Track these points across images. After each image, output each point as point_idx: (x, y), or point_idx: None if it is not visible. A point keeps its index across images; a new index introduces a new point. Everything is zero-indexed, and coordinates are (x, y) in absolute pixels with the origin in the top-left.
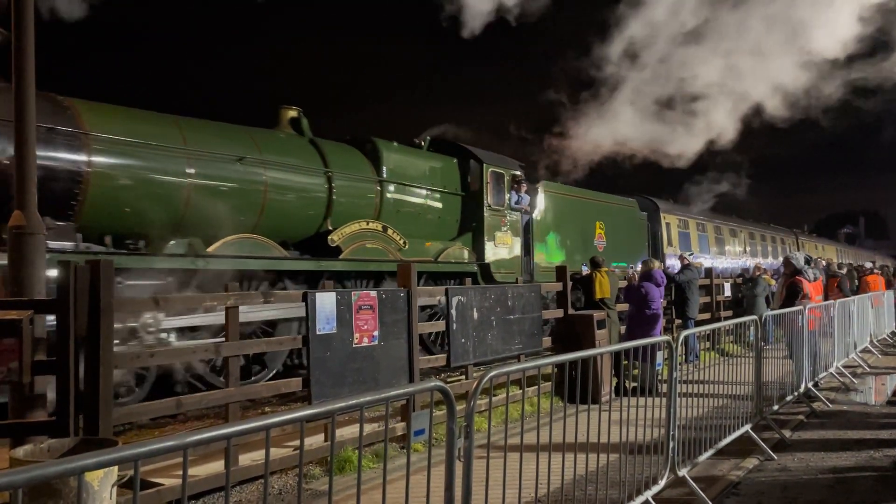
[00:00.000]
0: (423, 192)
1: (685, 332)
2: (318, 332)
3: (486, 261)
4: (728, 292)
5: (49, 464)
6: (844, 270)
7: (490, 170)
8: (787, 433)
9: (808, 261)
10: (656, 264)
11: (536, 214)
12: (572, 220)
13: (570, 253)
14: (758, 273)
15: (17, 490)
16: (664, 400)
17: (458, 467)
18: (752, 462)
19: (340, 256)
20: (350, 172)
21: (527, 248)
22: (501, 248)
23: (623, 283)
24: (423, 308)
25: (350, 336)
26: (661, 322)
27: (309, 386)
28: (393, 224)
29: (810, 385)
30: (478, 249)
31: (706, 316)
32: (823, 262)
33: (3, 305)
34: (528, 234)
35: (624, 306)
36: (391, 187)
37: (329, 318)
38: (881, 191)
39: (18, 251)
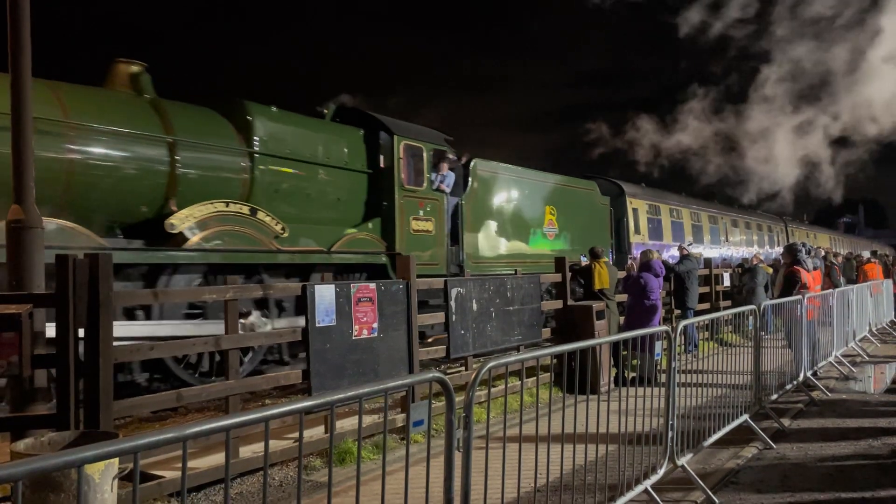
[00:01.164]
0: (316, 168)
1: (684, 322)
2: (317, 325)
3: (399, 250)
4: (727, 282)
5: (49, 456)
6: (839, 260)
7: (403, 143)
8: (786, 422)
9: (807, 251)
10: (655, 255)
11: (467, 197)
12: (514, 204)
13: (513, 242)
14: (755, 262)
15: (17, 482)
16: (663, 390)
17: (458, 458)
18: (751, 451)
19: (186, 245)
20: (204, 140)
21: (455, 237)
22: (419, 236)
23: (622, 274)
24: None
25: (349, 328)
26: (660, 312)
27: (309, 378)
28: (271, 206)
29: (809, 374)
30: (388, 237)
31: (705, 306)
32: (822, 252)
33: (3, 299)
34: (456, 220)
35: (623, 297)
36: (267, 161)
37: (328, 311)
38: (881, 180)
39: (17, 245)
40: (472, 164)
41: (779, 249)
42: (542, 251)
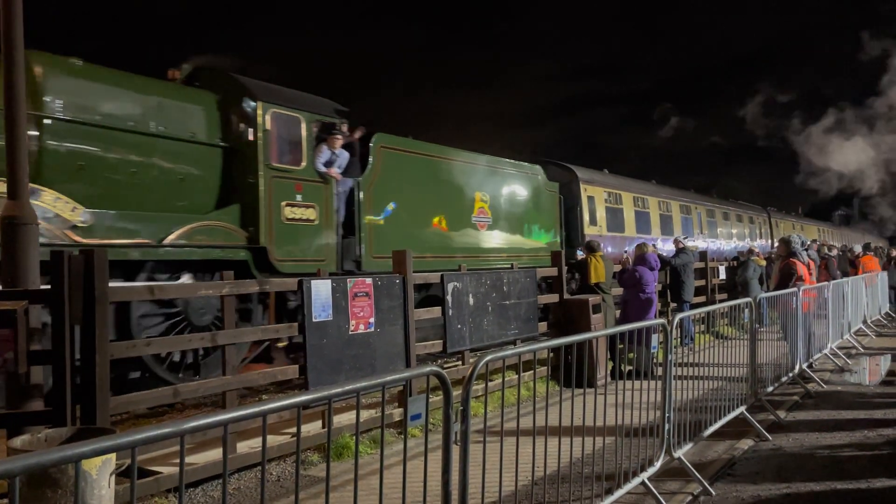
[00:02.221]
0: (144, 140)
1: (680, 315)
2: (314, 320)
3: (266, 243)
4: (723, 275)
5: (46, 452)
6: (834, 253)
7: (271, 112)
8: (781, 414)
9: (802, 243)
10: (650, 248)
11: (366, 180)
12: (433, 189)
13: (430, 233)
14: (749, 255)
15: (14, 478)
16: (659, 383)
17: (455, 452)
18: (747, 443)
19: None
20: None
21: (351, 228)
22: (296, 227)
23: (618, 268)
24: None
25: (346, 323)
26: (656, 306)
27: (306, 373)
28: (70, 188)
29: (805, 366)
30: (251, 227)
31: (701, 299)
32: (818, 245)
33: None
34: (352, 207)
35: (619, 290)
36: (65, 130)
37: (325, 306)
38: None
39: (12, 241)
40: (372, 140)
41: (761, 242)
42: (471, 244)
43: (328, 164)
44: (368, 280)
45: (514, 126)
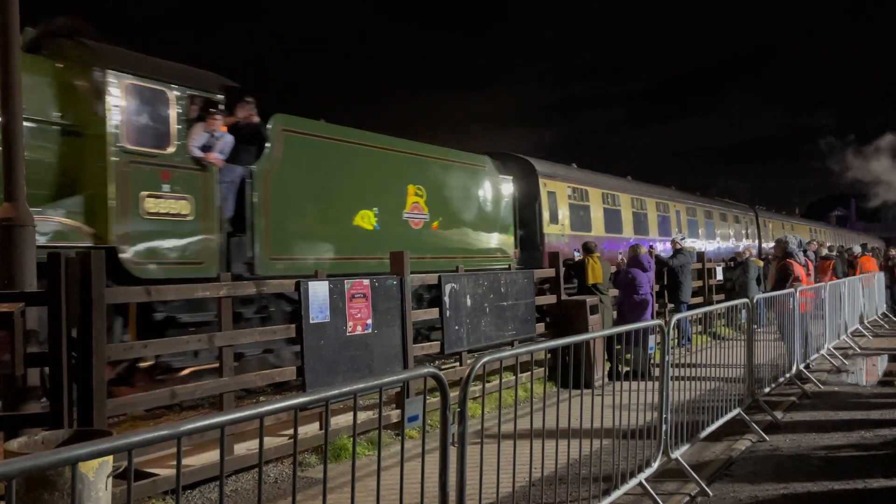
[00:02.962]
0: None
1: (677, 316)
2: (311, 321)
3: (115, 243)
4: (720, 276)
5: (43, 454)
6: (835, 253)
7: (127, 83)
8: (778, 415)
9: (798, 244)
10: (642, 250)
11: (262, 168)
12: (353, 181)
13: (350, 232)
14: (747, 255)
15: (11, 480)
16: (657, 384)
17: (453, 453)
18: (744, 443)
19: None
20: None
21: (241, 224)
22: (161, 222)
23: (612, 269)
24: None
25: (344, 324)
26: (652, 307)
27: (303, 375)
28: None
29: (802, 367)
30: (96, 221)
31: (699, 300)
32: (815, 246)
33: None
34: (242, 200)
35: (615, 291)
36: None
37: (322, 307)
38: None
39: (8, 243)
40: (270, 122)
41: (747, 243)
42: (403, 244)
43: (206, 148)
44: (366, 281)
45: (514, 126)
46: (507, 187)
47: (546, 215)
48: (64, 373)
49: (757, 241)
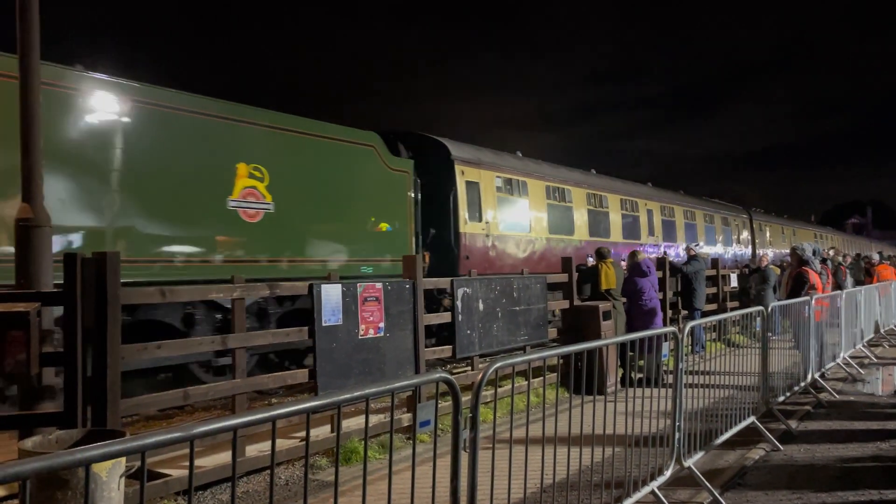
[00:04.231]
0: None
1: (691, 323)
2: (323, 324)
3: None
4: (734, 283)
5: (57, 455)
6: (847, 261)
7: None
8: (793, 424)
9: (814, 251)
10: (642, 255)
11: None
12: (141, 155)
13: (130, 223)
14: (765, 263)
15: (25, 480)
16: (670, 391)
17: (464, 458)
18: (758, 453)
19: None
20: None
21: None
22: None
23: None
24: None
25: (356, 328)
26: (661, 313)
27: (315, 377)
28: None
29: (817, 376)
30: None
31: (713, 307)
32: (831, 253)
33: (11, 298)
34: None
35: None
36: None
37: (335, 310)
38: (889, 180)
39: (26, 244)
40: None
41: (735, 249)
42: (228, 244)
43: None
44: (378, 285)
45: (530, 130)
46: (406, 174)
47: (464, 211)
48: (78, 372)
49: (752, 247)
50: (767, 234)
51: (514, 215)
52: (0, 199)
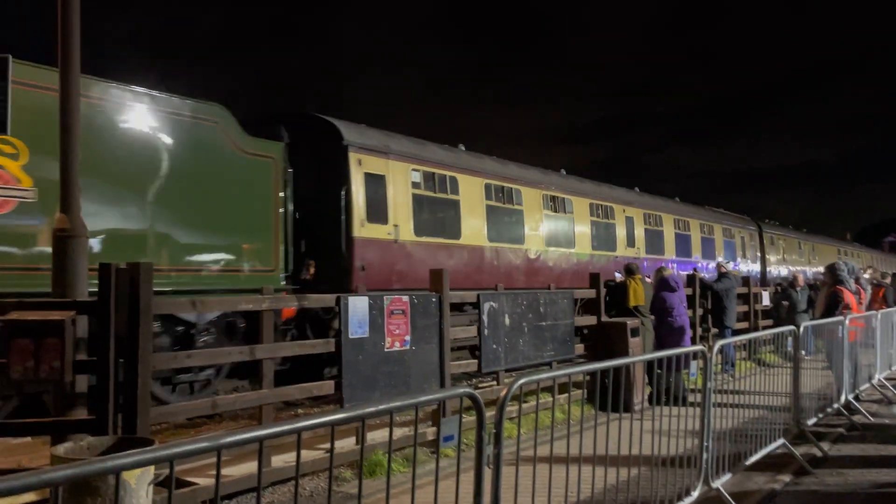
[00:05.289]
0: None
1: (721, 342)
2: (350, 336)
3: None
4: (766, 301)
5: (89, 462)
6: (889, 280)
7: None
8: (825, 446)
9: (850, 270)
10: (668, 271)
11: None
12: None
13: None
14: (800, 285)
15: (58, 487)
16: (698, 410)
17: (487, 474)
18: (788, 476)
19: None
20: None
21: None
22: None
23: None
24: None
25: (382, 340)
26: (689, 331)
27: (341, 389)
28: None
29: (850, 397)
30: None
31: (744, 325)
32: (867, 273)
33: (47, 306)
34: None
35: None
36: None
37: (361, 323)
38: None
39: (62, 253)
40: None
41: (740, 264)
42: None
43: None
44: (405, 297)
45: (559, 142)
46: (271, 161)
47: (360, 211)
48: (110, 380)
49: (762, 263)
50: (781, 249)
51: (439, 218)
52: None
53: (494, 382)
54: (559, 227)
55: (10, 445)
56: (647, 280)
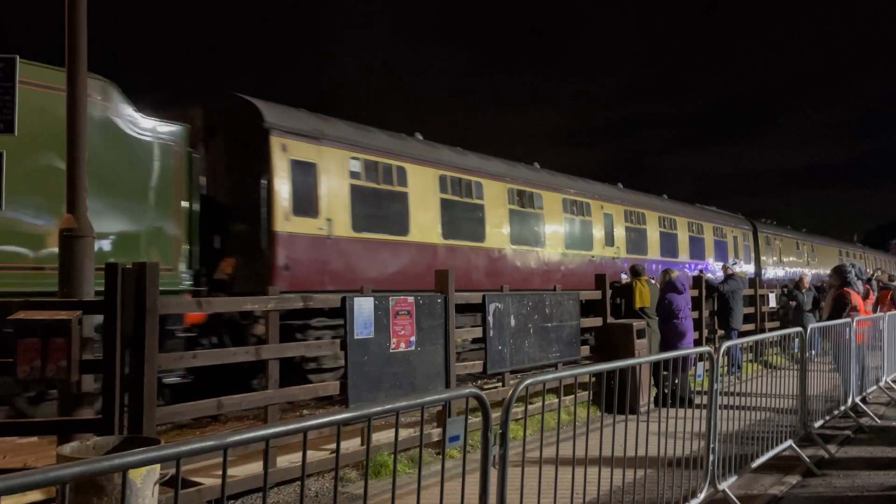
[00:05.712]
0: None
1: (727, 343)
2: (355, 337)
3: None
4: (773, 303)
5: (95, 460)
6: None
7: None
8: (832, 448)
9: (858, 272)
10: (675, 273)
11: None
12: None
13: None
14: (805, 287)
15: (64, 485)
16: (704, 412)
17: (493, 475)
18: (794, 478)
19: None
20: None
21: None
22: None
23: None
24: None
25: (387, 341)
26: (692, 333)
27: (346, 390)
28: None
29: (858, 399)
30: None
31: (750, 326)
32: (878, 274)
33: (53, 305)
34: None
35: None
36: None
37: (367, 323)
38: None
39: (69, 253)
40: None
41: (734, 263)
42: None
43: None
44: (410, 299)
45: (563, 145)
46: (172, 146)
47: (284, 202)
48: (116, 380)
49: (757, 264)
50: (778, 250)
51: (384, 213)
52: None
53: (500, 384)
54: (527, 224)
55: (16, 445)
56: (653, 282)
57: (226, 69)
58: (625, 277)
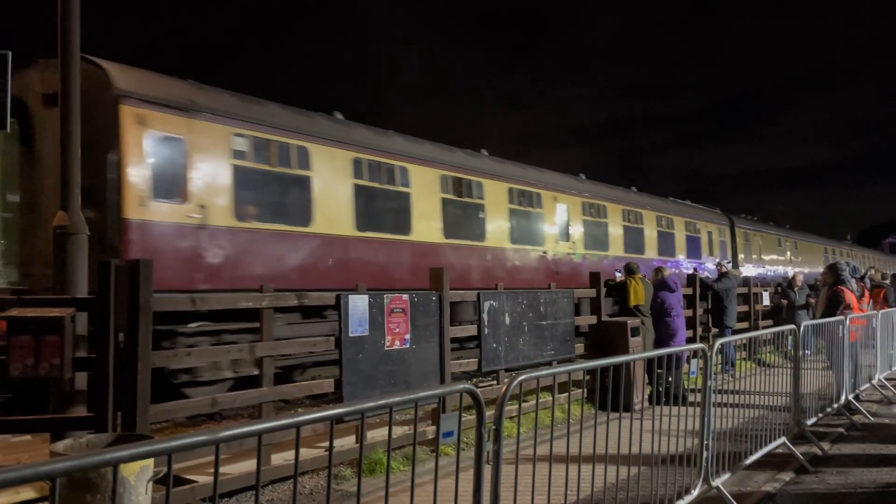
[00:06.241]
0: None
1: (720, 341)
2: (350, 335)
3: None
4: (766, 301)
5: (86, 454)
6: (889, 281)
7: None
8: (825, 446)
9: (853, 269)
10: (667, 271)
11: None
12: None
13: None
14: (798, 285)
15: (55, 479)
16: (698, 409)
17: (487, 472)
18: (788, 475)
19: None
20: None
21: None
22: None
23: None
24: None
25: (382, 339)
26: (684, 331)
27: (340, 388)
28: None
29: (851, 397)
30: None
31: (744, 325)
32: (871, 273)
33: (46, 303)
34: None
35: None
36: None
37: (361, 321)
38: None
39: (62, 250)
40: None
41: (706, 263)
42: None
43: None
44: (405, 296)
45: (560, 144)
46: None
47: (138, 183)
48: (110, 377)
49: (728, 261)
50: (758, 247)
51: (279, 200)
52: None
53: (494, 382)
54: (464, 216)
55: (9, 443)
56: (647, 280)
57: (212, 74)
58: (619, 275)
